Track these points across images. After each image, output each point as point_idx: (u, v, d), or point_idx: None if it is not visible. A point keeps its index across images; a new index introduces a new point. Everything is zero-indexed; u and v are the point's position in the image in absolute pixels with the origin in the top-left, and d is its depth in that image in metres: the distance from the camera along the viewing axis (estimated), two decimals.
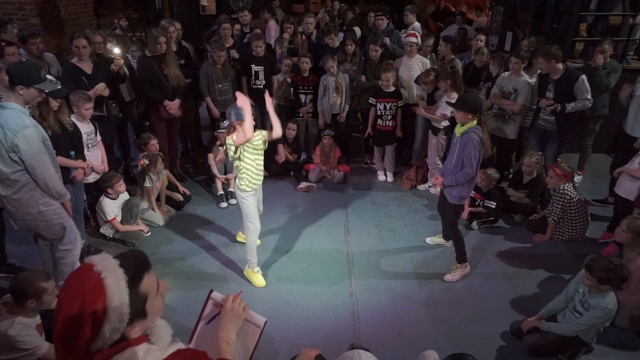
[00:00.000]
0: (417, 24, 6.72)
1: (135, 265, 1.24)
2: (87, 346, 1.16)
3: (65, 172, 3.78)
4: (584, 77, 4.58)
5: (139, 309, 1.23)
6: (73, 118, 3.96)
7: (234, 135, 3.47)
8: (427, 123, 5.48)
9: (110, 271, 1.19)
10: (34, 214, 3.17)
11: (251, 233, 3.81)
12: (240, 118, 3.43)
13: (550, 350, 3.15)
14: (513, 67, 4.97)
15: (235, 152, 3.49)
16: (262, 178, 3.76)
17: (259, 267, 3.96)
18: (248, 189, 3.65)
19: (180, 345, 1.33)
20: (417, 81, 5.39)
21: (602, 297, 2.95)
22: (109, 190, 4.39)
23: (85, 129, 4.13)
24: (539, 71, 5.10)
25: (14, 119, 2.88)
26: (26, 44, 4.63)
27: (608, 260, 2.95)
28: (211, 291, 1.79)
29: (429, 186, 5.56)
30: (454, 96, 4.78)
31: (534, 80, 5.02)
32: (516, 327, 3.34)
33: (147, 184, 4.74)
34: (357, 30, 7.31)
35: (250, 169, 3.60)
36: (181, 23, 5.87)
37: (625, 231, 3.43)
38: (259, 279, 3.91)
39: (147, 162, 4.70)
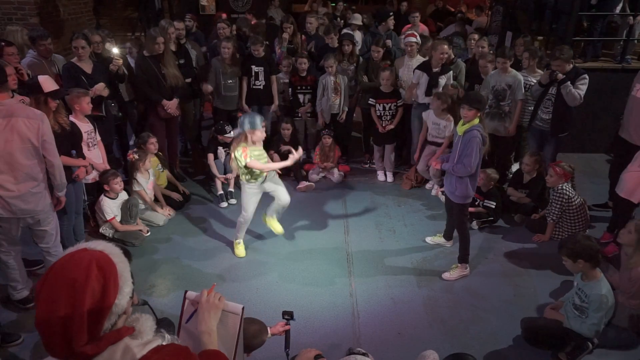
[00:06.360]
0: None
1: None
2: (94, 331, 1.12)
3: (67, 171, 3.77)
4: (585, 76, 4.57)
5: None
6: (72, 118, 3.95)
7: (244, 146, 3.64)
8: (422, 125, 5.45)
9: (109, 247, 1.22)
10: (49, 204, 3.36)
11: (241, 217, 4.10)
12: (254, 127, 3.55)
13: (552, 340, 3.16)
14: (502, 67, 4.99)
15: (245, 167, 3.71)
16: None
17: (241, 240, 4.25)
18: (252, 181, 3.84)
19: (163, 340, 1.29)
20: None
21: (595, 284, 3.00)
22: (108, 190, 4.38)
23: (85, 127, 4.11)
24: (538, 71, 5.12)
25: None
26: (35, 44, 4.63)
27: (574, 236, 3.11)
28: (186, 292, 1.81)
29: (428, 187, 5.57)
30: (448, 118, 5.00)
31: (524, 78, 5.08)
32: (528, 324, 3.30)
33: (136, 187, 4.66)
34: (358, 34, 7.29)
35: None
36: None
37: (632, 232, 3.33)
38: (238, 250, 4.22)
39: (136, 156, 4.63)
